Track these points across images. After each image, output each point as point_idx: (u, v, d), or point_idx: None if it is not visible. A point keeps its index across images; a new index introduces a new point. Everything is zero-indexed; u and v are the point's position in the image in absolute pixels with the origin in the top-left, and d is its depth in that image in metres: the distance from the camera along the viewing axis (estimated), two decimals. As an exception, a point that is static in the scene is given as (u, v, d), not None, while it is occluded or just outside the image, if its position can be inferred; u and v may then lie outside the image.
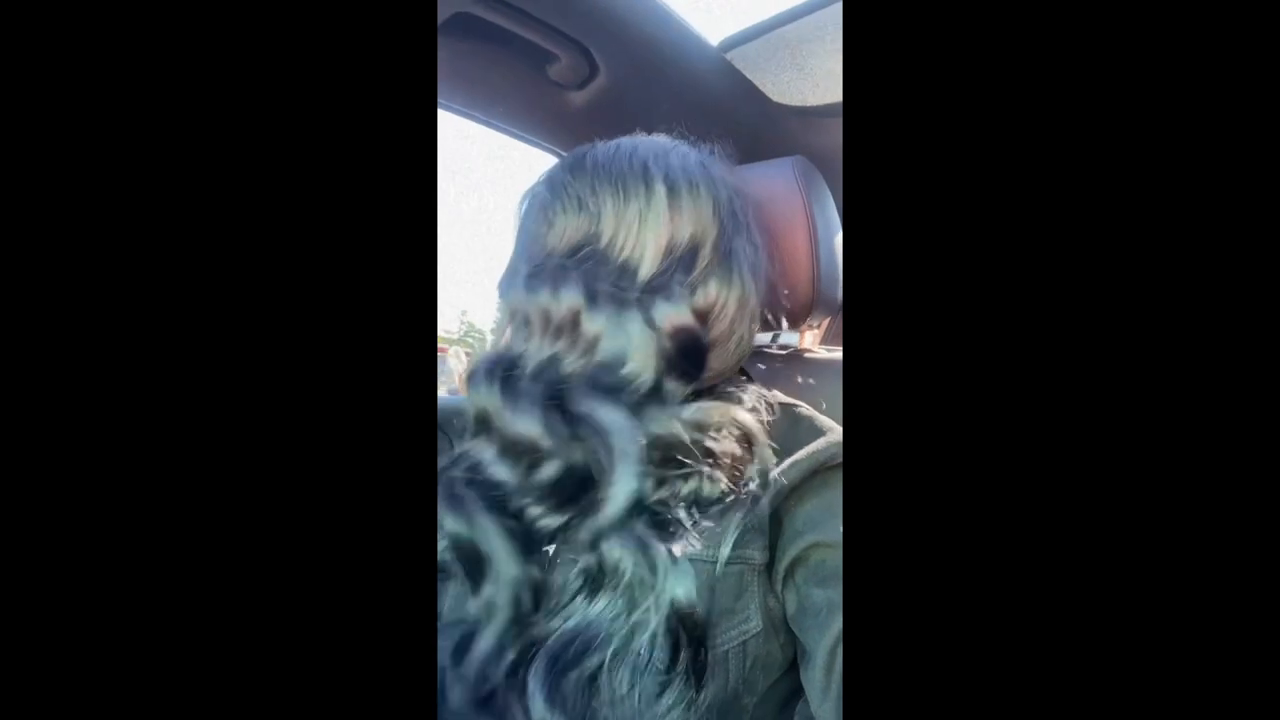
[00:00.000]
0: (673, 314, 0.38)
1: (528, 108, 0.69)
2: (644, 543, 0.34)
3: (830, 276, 0.56)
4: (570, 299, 0.38)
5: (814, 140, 0.83)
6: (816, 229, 0.55)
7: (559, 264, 0.40)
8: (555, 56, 0.62)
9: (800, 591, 0.37)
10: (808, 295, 0.55)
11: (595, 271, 0.39)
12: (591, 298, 0.38)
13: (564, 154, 0.78)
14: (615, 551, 0.34)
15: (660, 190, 0.40)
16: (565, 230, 0.41)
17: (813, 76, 0.73)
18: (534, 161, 0.87)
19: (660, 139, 0.45)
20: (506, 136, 0.73)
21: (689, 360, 0.39)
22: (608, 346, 0.38)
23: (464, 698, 0.36)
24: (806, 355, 0.57)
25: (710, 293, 0.40)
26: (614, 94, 0.68)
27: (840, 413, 0.56)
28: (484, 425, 0.39)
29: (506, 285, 0.42)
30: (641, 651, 0.34)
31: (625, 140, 0.44)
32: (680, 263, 0.40)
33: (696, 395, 0.40)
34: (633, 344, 0.38)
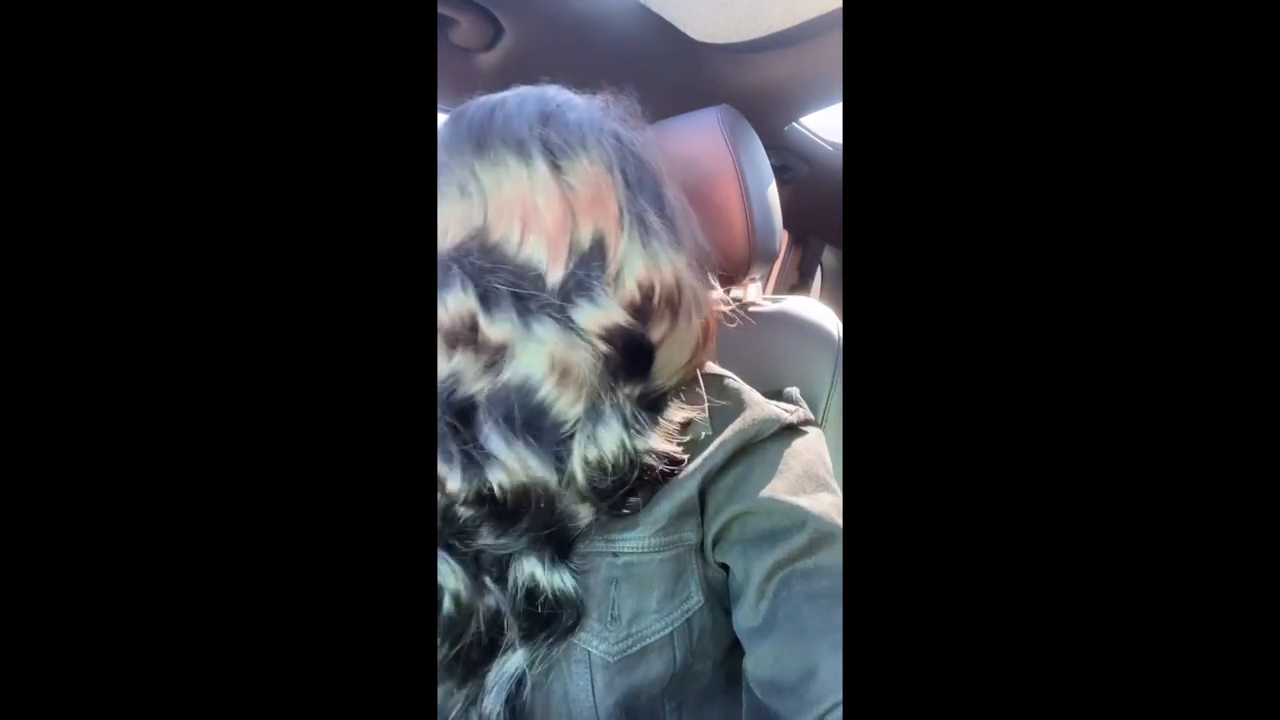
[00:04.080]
0: (599, 316, 0.33)
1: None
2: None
3: (765, 228, 0.55)
4: (456, 301, 0.33)
5: (744, 79, 0.79)
6: (746, 181, 0.53)
7: (441, 262, 0.34)
8: (455, 21, 0.58)
9: (730, 554, 0.37)
10: (744, 250, 0.54)
11: (484, 268, 0.33)
12: (484, 299, 0.33)
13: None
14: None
15: (541, 164, 0.34)
16: (447, 224, 0.34)
17: (734, 11, 0.69)
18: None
19: (544, 92, 0.38)
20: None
21: (635, 363, 0.35)
22: (521, 362, 0.33)
23: None
24: (751, 309, 0.56)
25: (634, 282, 0.34)
26: (523, 52, 0.64)
27: (786, 363, 0.56)
28: None
29: None
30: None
31: (498, 98, 0.37)
32: (591, 252, 0.34)
33: (660, 399, 0.37)
34: (552, 359, 0.33)
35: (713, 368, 0.43)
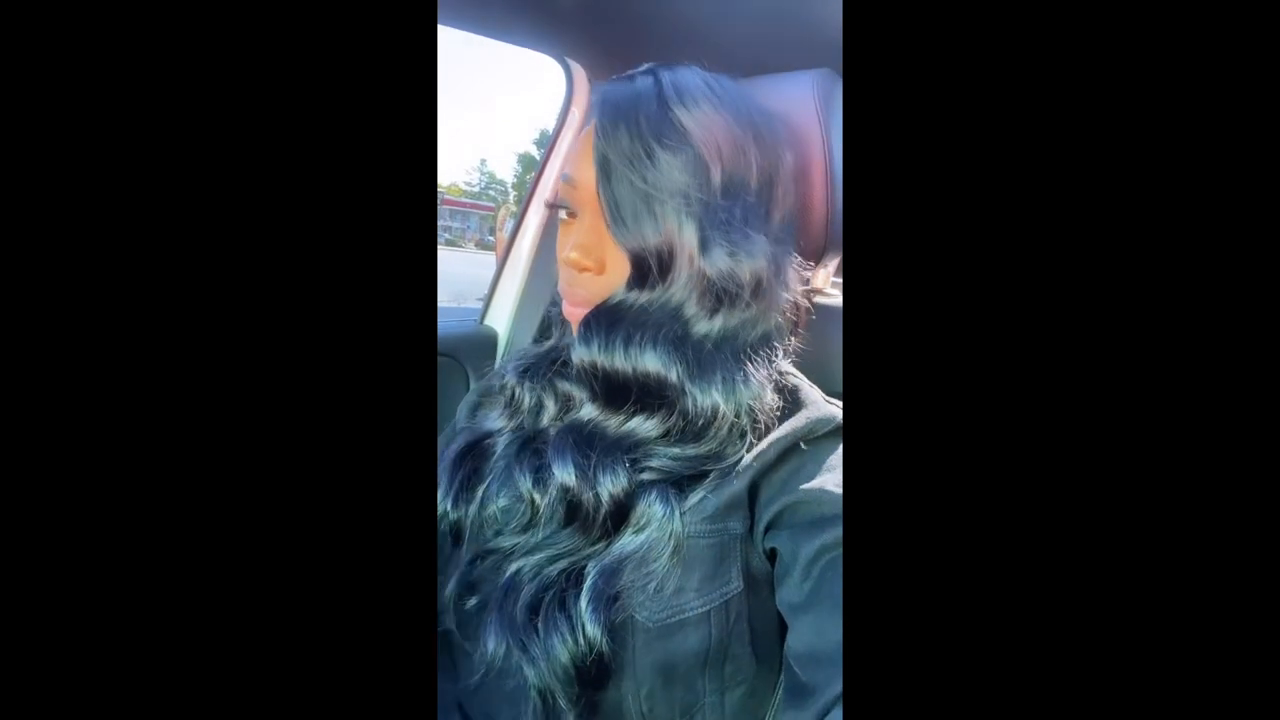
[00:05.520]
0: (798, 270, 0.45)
1: (514, 9, 0.61)
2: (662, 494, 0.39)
3: None
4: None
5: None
6: (834, 158, 0.49)
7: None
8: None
9: (779, 538, 0.40)
10: (820, 234, 0.51)
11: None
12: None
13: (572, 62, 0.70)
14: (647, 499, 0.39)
15: (735, 112, 0.42)
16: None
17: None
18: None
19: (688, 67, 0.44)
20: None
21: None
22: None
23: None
24: (817, 299, 0.54)
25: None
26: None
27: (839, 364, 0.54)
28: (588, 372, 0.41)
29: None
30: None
31: (646, 73, 0.43)
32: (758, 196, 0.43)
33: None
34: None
35: (789, 372, 0.44)
